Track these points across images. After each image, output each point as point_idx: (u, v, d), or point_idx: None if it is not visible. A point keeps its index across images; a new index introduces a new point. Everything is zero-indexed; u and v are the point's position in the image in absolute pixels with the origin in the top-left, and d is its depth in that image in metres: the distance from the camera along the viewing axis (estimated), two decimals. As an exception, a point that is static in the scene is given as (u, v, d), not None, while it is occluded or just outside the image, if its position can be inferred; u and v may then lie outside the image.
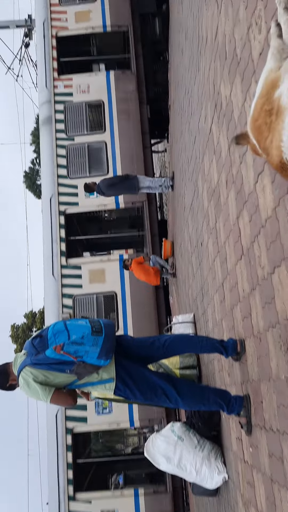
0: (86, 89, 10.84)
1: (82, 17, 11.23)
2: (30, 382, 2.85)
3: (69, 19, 11.31)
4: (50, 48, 11.16)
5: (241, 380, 3.00)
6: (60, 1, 11.38)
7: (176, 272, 8.00)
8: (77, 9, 11.34)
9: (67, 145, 10.58)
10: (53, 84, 10.87)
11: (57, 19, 11.35)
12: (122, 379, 2.90)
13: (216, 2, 3.36)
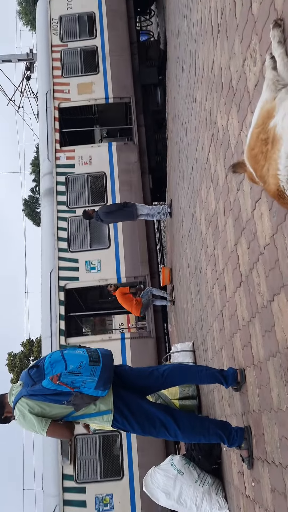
0: (88, 161, 10.66)
1: (85, 89, 11.13)
2: (26, 414, 2.77)
3: (72, 90, 11.19)
4: (53, 119, 10.98)
5: (242, 411, 2.93)
6: (63, 73, 11.30)
7: (174, 299, 7.93)
8: (80, 80, 11.22)
9: (68, 218, 10.25)
10: (55, 155, 10.70)
11: (59, 90, 11.22)
12: (120, 410, 2.83)
13: (212, 37, 3.46)
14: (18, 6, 39.44)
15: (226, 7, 2.91)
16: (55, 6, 11.80)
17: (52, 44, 11.58)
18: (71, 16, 11.69)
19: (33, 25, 34.89)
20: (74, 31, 11.59)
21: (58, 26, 11.67)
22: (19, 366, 29.75)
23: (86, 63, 11.38)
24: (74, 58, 11.33)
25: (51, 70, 11.37)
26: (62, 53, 11.42)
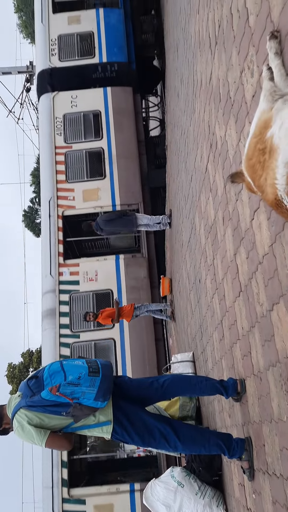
0: (93, 277, 9.79)
1: (91, 196, 10.44)
2: (25, 425, 2.75)
3: (77, 197, 10.46)
4: (56, 230, 10.24)
5: (242, 422, 2.91)
6: (67, 177, 10.65)
7: (174, 312, 7.78)
8: (85, 186, 10.52)
9: (71, 344, 9.44)
10: (58, 270, 9.87)
11: (63, 197, 10.51)
12: (119, 421, 2.81)
13: (210, 49, 3.50)
14: (18, 19, 39.98)
15: (224, 20, 2.94)
16: (59, 103, 11.24)
17: (56, 145, 10.95)
18: (76, 114, 11.09)
19: (32, 38, 35.31)
20: (79, 132, 10.99)
21: (62, 126, 11.03)
22: (18, 377, 29.55)
23: (92, 167, 10.76)
24: (79, 161, 10.68)
25: (54, 175, 10.71)
26: (67, 156, 10.81)
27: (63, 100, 11.28)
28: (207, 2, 3.64)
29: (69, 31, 11.76)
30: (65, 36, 11.73)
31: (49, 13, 11.92)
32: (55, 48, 11.68)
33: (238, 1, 2.55)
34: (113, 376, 2.93)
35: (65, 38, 11.72)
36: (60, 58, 11.60)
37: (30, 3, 33.06)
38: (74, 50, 11.61)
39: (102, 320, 7.65)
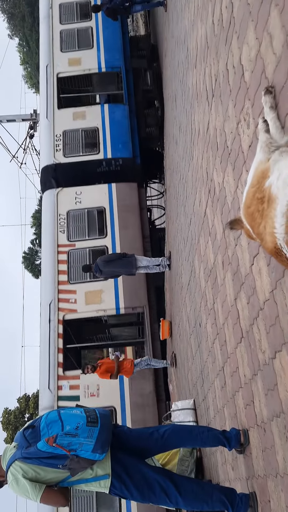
0: (95, 392, 9.10)
1: (93, 298, 9.89)
2: (19, 479, 2.63)
3: (79, 300, 9.87)
4: (56, 336, 9.58)
5: (246, 475, 2.79)
6: (70, 279, 10.08)
7: (176, 360, 7.55)
8: (88, 288, 9.92)
9: None
10: (57, 384, 9.13)
11: (65, 300, 9.91)
12: (118, 475, 2.68)
13: (207, 101, 3.64)
14: (23, 71, 41.91)
15: (220, 74, 3.08)
16: (63, 200, 10.96)
17: (59, 243, 10.49)
18: (80, 211, 10.75)
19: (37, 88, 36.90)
20: (83, 229, 10.62)
21: (65, 223, 10.66)
22: (14, 423, 28.62)
23: None
24: (82, 261, 10.16)
25: (56, 275, 10.14)
26: (69, 255, 10.33)
27: (67, 196, 10.95)
28: (204, 58, 3.82)
29: (74, 126, 11.62)
30: (70, 131, 11.59)
31: (54, 108, 11.85)
32: (59, 143, 11.50)
33: (233, 58, 2.68)
34: (111, 426, 2.84)
35: (70, 134, 11.59)
36: (65, 154, 11.40)
37: (35, 56, 34.77)
38: (78, 146, 11.49)
39: (101, 374, 7.43)
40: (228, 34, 2.81)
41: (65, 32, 12.64)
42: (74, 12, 12.84)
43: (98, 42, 12.42)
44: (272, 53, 2.00)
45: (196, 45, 4.32)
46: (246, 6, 2.35)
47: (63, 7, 12.92)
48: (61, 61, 12.36)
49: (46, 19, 12.96)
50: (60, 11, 12.87)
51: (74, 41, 12.52)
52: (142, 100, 12.33)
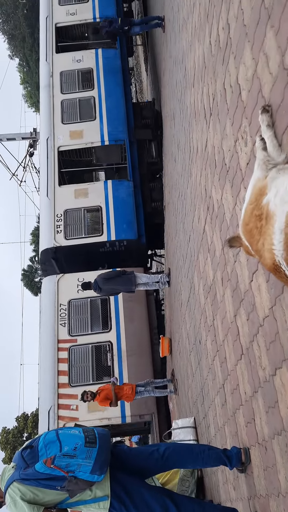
0: None
1: (97, 407, 8.77)
2: (17, 501, 2.58)
3: (81, 406, 9.14)
4: None
5: (248, 495, 2.74)
6: (71, 381, 9.51)
7: (178, 387, 7.41)
8: None
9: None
10: None
11: (65, 406, 9.19)
12: (117, 496, 2.63)
13: (205, 119, 3.69)
14: (23, 90, 42.55)
15: (217, 94, 3.13)
16: (64, 287, 10.31)
17: (59, 338, 9.86)
18: (82, 301, 10.11)
19: (36, 107, 37.45)
20: (85, 321, 10.00)
21: (67, 315, 10.00)
22: (12, 443, 28.21)
23: (99, 365, 9.77)
24: (85, 359, 9.55)
25: (56, 378, 9.44)
26: (70, 352, 9.70)
27: (69, 283, 10.24)
28: (201, 77, 3.88)
29: (76, 205, 11.05)
30: (71, 211, 11.03)
31: (55, 185, 11.35)
32: (60, 224, 10.86)
33: (230, 78, 2.73)
34: (110, 446, 2.79)
35: (72, 214, 11.02)
36: (66, 236, 10.77)
37: (34, 75, 35.37)
38: (81, 227, 10.92)
39: (100, 402, 7.23)
40: (225, 54, 2.87)
41: (66, 103, 12.22)
42: (76, 81, 12.45)
43: (101, 113, 11.93)
44: (269, 73, 2.04)
45: (194, 65, 4.40)
46: (242, 28, 2.40)
47: (64, 76, 12.56)
48: (63, 133, 11.86)
49: (47, 88, 12.55)
50: (61, 79, 12.51)
51: (75, 112, 12.06)
52: (146, 173, 11.85)
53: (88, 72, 12.56)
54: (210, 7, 3.36)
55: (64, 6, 13.29)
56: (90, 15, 13.03)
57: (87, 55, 12.68)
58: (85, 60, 12.60)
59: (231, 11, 2.65)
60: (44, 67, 12.94)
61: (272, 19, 1.93)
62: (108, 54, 12.53)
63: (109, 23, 10.05)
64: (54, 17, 13.23)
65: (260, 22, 2.09)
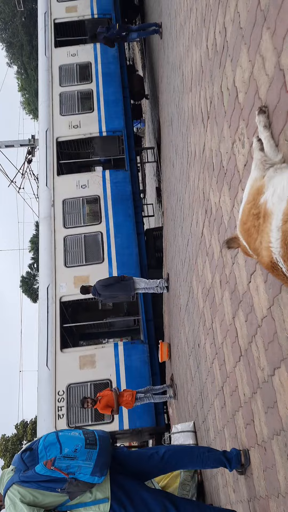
0: None
1: None
2: (17, 503, 2.56)
3: None
4: None
5: (248, 497, 2.73)
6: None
7: (177, 393, 7.37)
8: None
9: None
10: None
11: None
12: (117, 498, 2.62)
13: (203, 123, 3.72)
14: (21, 97, 42.74)
15: (215, 97, 3.16)
16: None
17: None
18: None
19: (34, 114, 37.64)
20: None
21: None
22: (11, 450, 28.03)
23: None
24: None
25: None
26: None
27: None
28: (199, 81, 3.92)
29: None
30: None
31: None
32: None
33: (227, 81, 2.76)
34: (110, 448, 2.78)
35: None
36: None
37: (33, 82, 35.56)
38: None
39: (101, 409, 7.18)
40: (222, 57, 2.90)
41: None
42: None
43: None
44: (265, 75, 2.06)
45: (191, 70, 4.44)
46: (238, 30, 2.43)
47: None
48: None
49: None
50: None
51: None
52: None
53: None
54: (207, 11, 3.39)
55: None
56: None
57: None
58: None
59: (228, 15, 2.68)
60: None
61: (268, 21, 1.95)
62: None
63: (106, 29, 10.12)
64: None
65: (256, 24, 2.12)
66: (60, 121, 12.12)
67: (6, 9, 36.03)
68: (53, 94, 12.44)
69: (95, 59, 12.75)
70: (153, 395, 7.85)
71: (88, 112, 12.12)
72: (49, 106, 12.30)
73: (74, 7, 13.31)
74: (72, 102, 12.28)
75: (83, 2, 13.31)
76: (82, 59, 12.82)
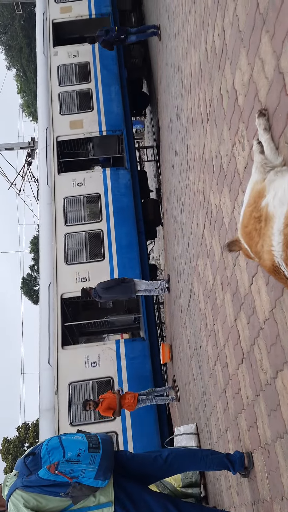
0: None
1: None
2: (20, 508, 2.55)
3: None
4: None
5: (252, 500, 2.73)
6: None
7: (179, 394, 7.32)
8: None
9: None
10: None
11: None
12: (121, 502, 2.62)
13: (202, 125, 3.72)
14: (20, 99, 42.78)
15: (214, 99, 3.16)
16: None
17: None
18: None
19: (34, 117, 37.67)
20: None
21: None
22: (13, 453, 28.02)
23: None
24: None
25: None
26: None
27: None
28: (198, 84, 3.92)
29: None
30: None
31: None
32: None
33: (227, 83, 2.76)
34: (113, 451, 2.78)
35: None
36: None
37: (32, 85, 35.61)
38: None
39: (103, 411, 7.18)
40: (221, 60, 2.90)
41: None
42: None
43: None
44: (264, 77, 2.06)
45: (190, 72, 4.44)
46: (237, 33, 2.43)
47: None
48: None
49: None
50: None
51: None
52: None
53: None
54: (206, 15, 3.40)
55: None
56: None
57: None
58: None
59: (226, 18, 2.68)
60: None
61: (267, 24, 1.96)
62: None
63: (105, 32, 10.14)
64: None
65: (255, 28, 2.12)
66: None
67: (4, 12, 36.07)
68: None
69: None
70: (155, 397, 7.84)
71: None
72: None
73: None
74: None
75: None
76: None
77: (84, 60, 12.87)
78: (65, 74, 12.75)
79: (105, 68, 12.64)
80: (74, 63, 12.87)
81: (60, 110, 12.33)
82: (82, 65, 12.83)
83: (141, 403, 7.60)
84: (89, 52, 12.86)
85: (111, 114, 12.14)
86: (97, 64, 12.70)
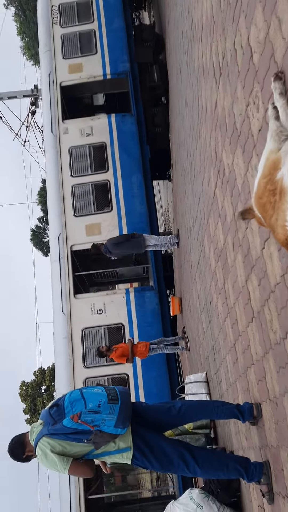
0: None
1: None
2: (48, 453, 2.83)
3: None
4: None
5: (260, 445, 2.94)
6: None
7: (189, 344, 7.60)
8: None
9: None
10: None
11: None
12: (139, 448, 2.86)
13: (214, 78, 3.61)
14: (21, 41, 40.81)
15: (227, 53, 3.05)
16: None
17: None
18: None
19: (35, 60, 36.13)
20: None
21: None
22: (31, 395, 29.60)
23: None
24: None
25: None
26: None
27: None
28: (210, 32, 3.76)
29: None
30: None
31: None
32: None
33: (241, 38, 2.66)
34: (131, 402, 2.99)
35: None
36: None
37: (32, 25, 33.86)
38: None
39: (116, 358, 7.57)
40: (235, 12, 2.77)
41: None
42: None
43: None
44: (282, 38, 1.99)
45: (202, 18, 4.24)
46: (254, -12, 2.32)
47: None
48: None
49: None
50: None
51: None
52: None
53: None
54: None
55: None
56: None
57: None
58: None
59: None
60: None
61: (286, -17, 1.87)
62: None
63: None
64: None
65: (273, -16, 2.02)
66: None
67: None
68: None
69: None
70: (166, 346, 8.16)
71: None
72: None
73: None
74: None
75: None
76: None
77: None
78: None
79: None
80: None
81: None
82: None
83: (153, 351, 7.93)
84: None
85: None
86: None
